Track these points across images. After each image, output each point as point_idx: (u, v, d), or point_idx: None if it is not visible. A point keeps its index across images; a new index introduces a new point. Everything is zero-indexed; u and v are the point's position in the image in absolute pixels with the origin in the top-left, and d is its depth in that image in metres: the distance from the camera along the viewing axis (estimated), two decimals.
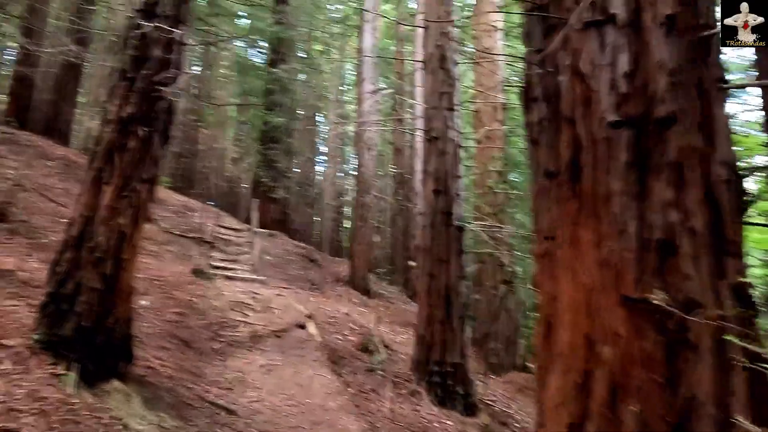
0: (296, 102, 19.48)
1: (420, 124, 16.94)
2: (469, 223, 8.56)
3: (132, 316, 4.79)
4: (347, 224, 30.06)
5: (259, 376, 6.45)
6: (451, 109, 8.48)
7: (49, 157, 12.12)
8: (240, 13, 19.92)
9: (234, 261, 12.21)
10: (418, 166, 16.75)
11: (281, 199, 19.31)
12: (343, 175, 27.90)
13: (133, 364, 4.76)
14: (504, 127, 13.02)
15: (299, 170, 24.70)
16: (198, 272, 9.04)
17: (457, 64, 8.83)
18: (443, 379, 7.62)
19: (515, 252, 10.29)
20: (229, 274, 11.20)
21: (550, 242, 3.08)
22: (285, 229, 18.76)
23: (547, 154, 3.07)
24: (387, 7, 25.30)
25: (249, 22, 20.62)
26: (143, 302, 6.90)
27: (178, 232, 12.18)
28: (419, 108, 17.38)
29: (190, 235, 12.58)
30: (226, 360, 6.75)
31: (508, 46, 14.32)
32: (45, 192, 10.12)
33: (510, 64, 12.87)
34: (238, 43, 20.03)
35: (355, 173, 15.46)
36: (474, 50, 14.36)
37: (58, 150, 12.85)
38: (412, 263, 16.03)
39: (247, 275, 11.45)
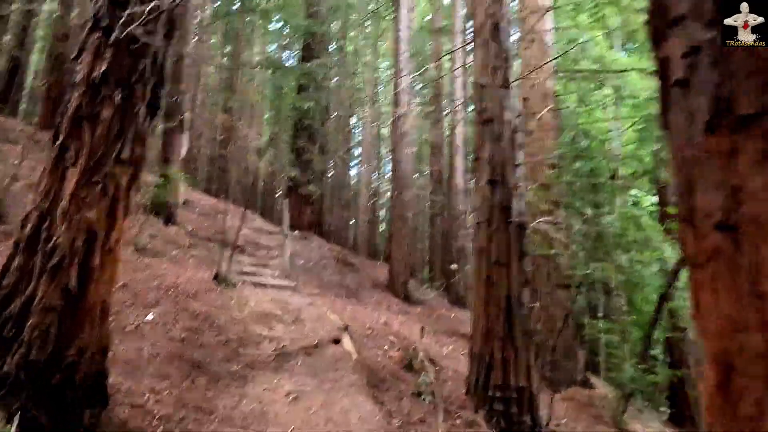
0: (330, 98, 18.27)
1: (460, 114, 15.50)
2: (530, 220, 7.05)
3: (108, 343, 3.50)
4: (382, 227, 28.80)
5: (284, 408, 5.11)
6: (507, 87, 7.01)
7: None
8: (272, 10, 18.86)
9: (263, 266, 10.99)
10: (459, 163, 15.30)
11: (316, 201, 18.15)
12: (378, 175, 26.59)
13: (109, 407, 3.47)
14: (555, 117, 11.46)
15: (333, 171, 23.54)
16: (220, 279, 7.81)
17: (511, 35, 7.37)
18: (506, 407, 6.14)
19: (577, 252, 8.74)
20: (258, 280, 9.97)
21: (725, 235, 1.68)
22: (319, 232, 17.54)
23: (711, 96, 1.72)
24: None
25: (281, 20, 19.57)
26: (149, 317, 5.67)
27: (204, 235, 11.04)
28: (460, 93, 15.95)
29: (218, 238, 11.43)
30: (245, 386, 5.45)
31: (558, 28, 12.74)
32: None
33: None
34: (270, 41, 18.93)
35: (392, 171, 14.07)
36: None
37: None
38: (454, 266, 14.56)
39: (276, 281, 10.19)
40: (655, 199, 14.59)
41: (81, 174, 3.29)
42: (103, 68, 3.43)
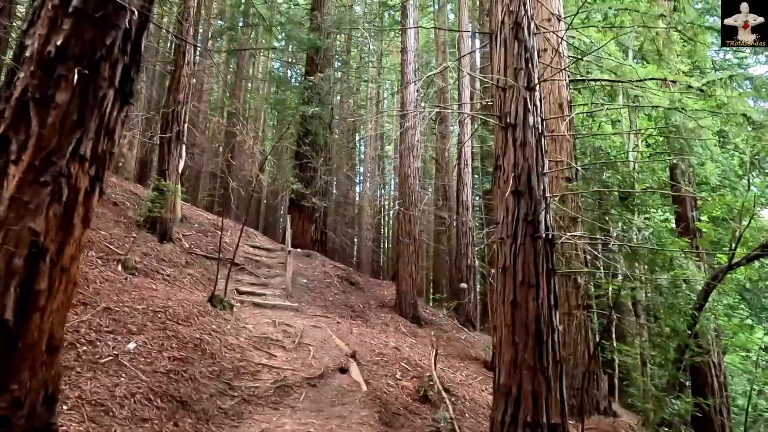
0: (334, 112, 17.64)
1: (468, 127, 14.79)
2: (560, 234, 6.25)
3: (57, 387, 2.69)
4: (386, 244, 28.03)
5: None
6: (531, 89, 6.28)
7: None
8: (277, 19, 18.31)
9: (264, 285, 10.18)
10: (467, 178, 14.55)
11: (319, 218, 17.41)
12: (382, 192, 25.89)
13: None
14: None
15: (337, 190, 22.80)
16: (216, 300, 6.99)
17: (535, 34, 6.67)
18: None
19: (603, 270, 7.90)
20: (258, 300, 9.16)
21: None
22: (323, 249, 16.75)
23: None
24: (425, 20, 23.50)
25: (285, 36, 19.02)
26: (130, 345, 4.85)
27: (202, 253, 10.24)
28: (467, 108, 15.26)
29: (217, 255, 10.64)
30: (240, 426, 4.61)
31: (573, 38, 12.09)
32: None
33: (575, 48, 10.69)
34: (273, 56, 18.34)
35: (398, 185, 13.27)
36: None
37: None
38: (463, 285, 13.73)
39: (278, 301, 9.38)
40: (667, 215, 13.82)
41: (25, 172, 2.52)
42: (60, 41, 2.68)
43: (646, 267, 6.94)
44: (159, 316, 5.93)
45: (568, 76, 11.40)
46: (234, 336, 6.38)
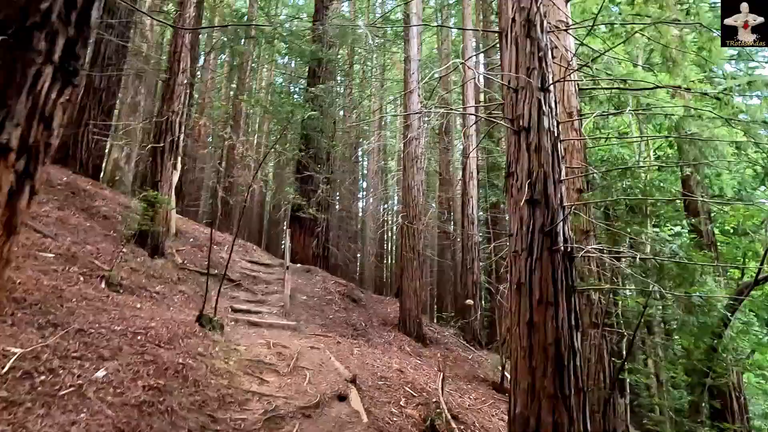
0: (337, 125, 17.15)
1: (473, 139, 14.23)
2: (580, 247, 5.61)
3: None
4: (390, 259, 27.42)
5: None
6: (546, 90, 5.72)
7: (52, 183, 9.88)
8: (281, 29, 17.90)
9: (261, 302, 9.56)
10: (473, 190, 13.96)
11: (321, 233, 16.83)
12: (385, 206, 25.32)
13: None
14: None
15: (339, 204, 22.24)
16: (205, 319, 6.36)
17: (549, 31, 6.13)
18: None
19: (624, 285, 7.23)
20: (253, 318, 8.53)
21: None
22: (325, 265, 16.14)
23: None
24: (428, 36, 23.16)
25: (287, 49, 18.61)
26: (99, 373, 4.22)
27: (196, 268, 9.63)
28: (472, 119, 14.73)
29: (212, 271, 10.03)
30: None
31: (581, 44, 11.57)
32: (32, 222, 7.76)
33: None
34: (276, 71, 17.90)
35: (402, 198, 12.67)
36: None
37: (65, 175, 10.63)
38: (469, 302, 13.06)
39: (275, 320, 8.75)
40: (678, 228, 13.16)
41: None
42: None
43: (672, 282, 6.30)
44: (138, 338, 5.31)
45: (578, 85, 10.87)
46: (222, 360, 5.74)
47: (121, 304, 6.35)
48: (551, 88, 5.91)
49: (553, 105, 5.86)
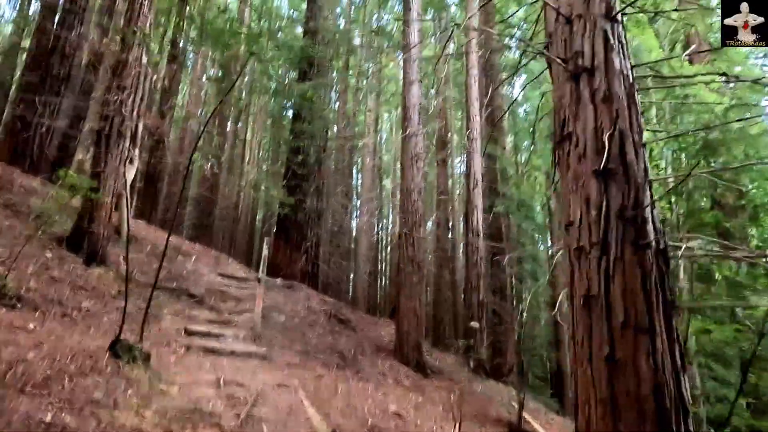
0: (330, 134, 15.32)
1: (477, 143, 12.36)
2: (680, 244, 3.53)
3: None
4: (382, 280, 25.43)
5: None
6: (613, 19, 3.82)
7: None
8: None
9: (226, 323, 7.47)
10: (477, 199, 12.04)
11: (311, 248, 14.83)
12: (379, 219, 23.38)
13: None
14: None
15: (332, 219, 20.24)
16: (122, 348, 4.29)
17: None
18: None
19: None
20: (213, 344, 6.45)
21: None
22: (314, 283, 14.10)
23: None
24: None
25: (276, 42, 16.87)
26: None
27: (147, 282, 7.55)
28: (477, 125, 12.94)
29: (169, 285, 7.98)
30: None
31: None
32: None
33: None
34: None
35: (400, 204, 10.67)
36: None
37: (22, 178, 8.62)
38: (475, 324, 11.00)
39: (240, 346, 6.67)
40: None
41: None
42: None
43: None
44: (4, 379, 3.26)
45: None
46: (135, 410, 3.67)
47: (7, 324, 4.30)
48: (620, 18, 3.99)
49: (623, 40, 3.93)
